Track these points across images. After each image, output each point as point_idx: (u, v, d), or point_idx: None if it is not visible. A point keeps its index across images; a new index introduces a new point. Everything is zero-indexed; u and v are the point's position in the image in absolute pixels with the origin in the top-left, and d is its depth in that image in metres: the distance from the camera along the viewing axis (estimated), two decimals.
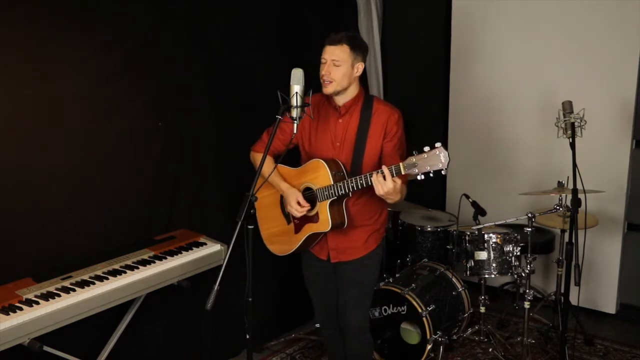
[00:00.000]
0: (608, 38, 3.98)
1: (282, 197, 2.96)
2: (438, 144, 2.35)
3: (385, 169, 2.47)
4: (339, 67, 2.68)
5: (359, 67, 2.74)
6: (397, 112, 2.80)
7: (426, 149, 2.36)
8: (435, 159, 2.33)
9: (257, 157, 2.97)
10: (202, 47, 3.42)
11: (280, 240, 2.98)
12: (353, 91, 2.79)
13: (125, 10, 3.02)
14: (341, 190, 2.65)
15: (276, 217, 2.99)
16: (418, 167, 2.37)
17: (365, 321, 3.02)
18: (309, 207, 2.77)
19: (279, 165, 2.84)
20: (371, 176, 2.52)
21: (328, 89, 2.73)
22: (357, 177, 2.60)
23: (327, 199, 2.71)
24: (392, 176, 2.46)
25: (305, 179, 2.83)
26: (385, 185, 2.47)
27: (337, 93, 2.75)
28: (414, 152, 2.40)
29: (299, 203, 2.78)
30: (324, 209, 2.73)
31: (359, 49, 2.73)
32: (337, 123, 2.82)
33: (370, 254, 2.90)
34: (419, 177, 2.38)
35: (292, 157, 2.95)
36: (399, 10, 4.87)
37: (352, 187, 2.61)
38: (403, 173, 2.43)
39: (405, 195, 2.72)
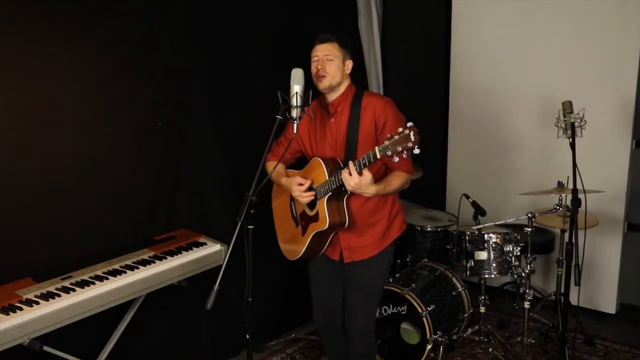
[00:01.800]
0: (608, 38, 3.98)
1: (290, 201, 2.98)
2: (409, 124, 2.36)
3: (350, 164, 2.51)
4: (332, 61, 2.76)
5: (349, 64, 2.83)
6: (384, 100, 2.80)
7: (399, 129, 2.36)
8: (405, 139, 2.34)
9: (269, 165, 2.98)
10: (202, 47, 3.42)
11: (291, 244, 2.99)
12: (342, 88, 2.83)
13: (125, 10, 3.02)
14: (333, 184, 2.65)
15: (287, 222, 3.01)
16: (391, 150, 2.37)
17: (371, 325, 2.99)
18: (310, 182, 2.76)
19: (288, 170, 2.97)
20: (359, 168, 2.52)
21: (323, 83, 2.77)
22: (341, 168, 2.62)
23: (324, 195, 2.71)
24: (360, 169, 2.49)
25: (307, 178, 2.84)
26: (352, 179, 2.49)
27: (332, 88, 2.79)
28: (389, 136, 2.40)
29: (300, 185, 2.77)
30: (322, 205, 2.73)
31: (347, 47, 2.83)
32: (330, 123, 2.84)
33: (381, 254, 2.89)
34: (395, 160, 2.38)
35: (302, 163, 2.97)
36: (399, 10, 4.88)
37: (340, 179, 2.60)
38: (379, 157, 2.42)
39: (398, 187, 2.71)
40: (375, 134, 2.75)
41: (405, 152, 2.35)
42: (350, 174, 2.50)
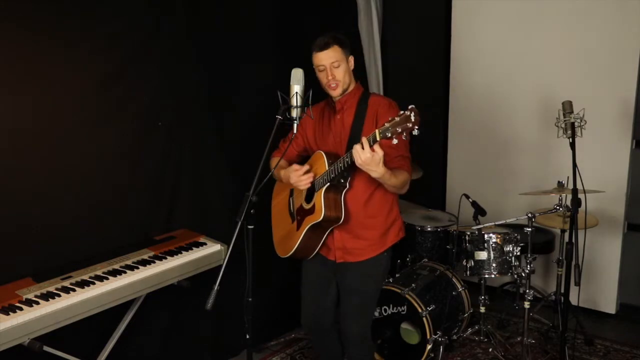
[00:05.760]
0: (608, 38, 3.98)
1: (289, 197, 2.98)
2: (410, 106, 2.32)
3: (363, 138, 2.44)
4: (339, 67, 2.73)
5: (351, 61, 2.81)
6: (388, 101, 2.79)
7: (401, 112, 2.33)
8: (405, 120, 2.30)
9: (273, 161, 2.98)
10: (202, 47, 3.42)
11: (285, 240, 2.98)
12: (350, 87, 2.83)
13: (125, 10, 3.03)
14: (332, 173, 2.64)
15: (284, 219, 3.00)
16: (391, 132, 2.33)
17: (366, 330, 2.97)
18: (308, 168, 2.75)
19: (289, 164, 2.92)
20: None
21: (337, 91, 2.77)
22: (343, 155, 2.60)
23: (322, 186, 2.71)
24: (370, 145, 2.42)
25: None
26: (363, 154, 2.42)
27: (344, 92, 2.79)
28: (390, 119, 2.37)
29: (296, 171, 2.74)
30: (319, 197, 2.72)
31: (345, 44, 2.78)
32: (335, 119, 2.84)
33: (376, 259, 2.87)
34: (394, 141, 2.34)
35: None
36: (399, 10, 4.88)
37: (340, 167, 2.59)
38: (378, 139, 2.38)
39: (399, 184, 2.66)
40: None
41: (404, 132, 2.31)
42: (362, 148, 2.42)
